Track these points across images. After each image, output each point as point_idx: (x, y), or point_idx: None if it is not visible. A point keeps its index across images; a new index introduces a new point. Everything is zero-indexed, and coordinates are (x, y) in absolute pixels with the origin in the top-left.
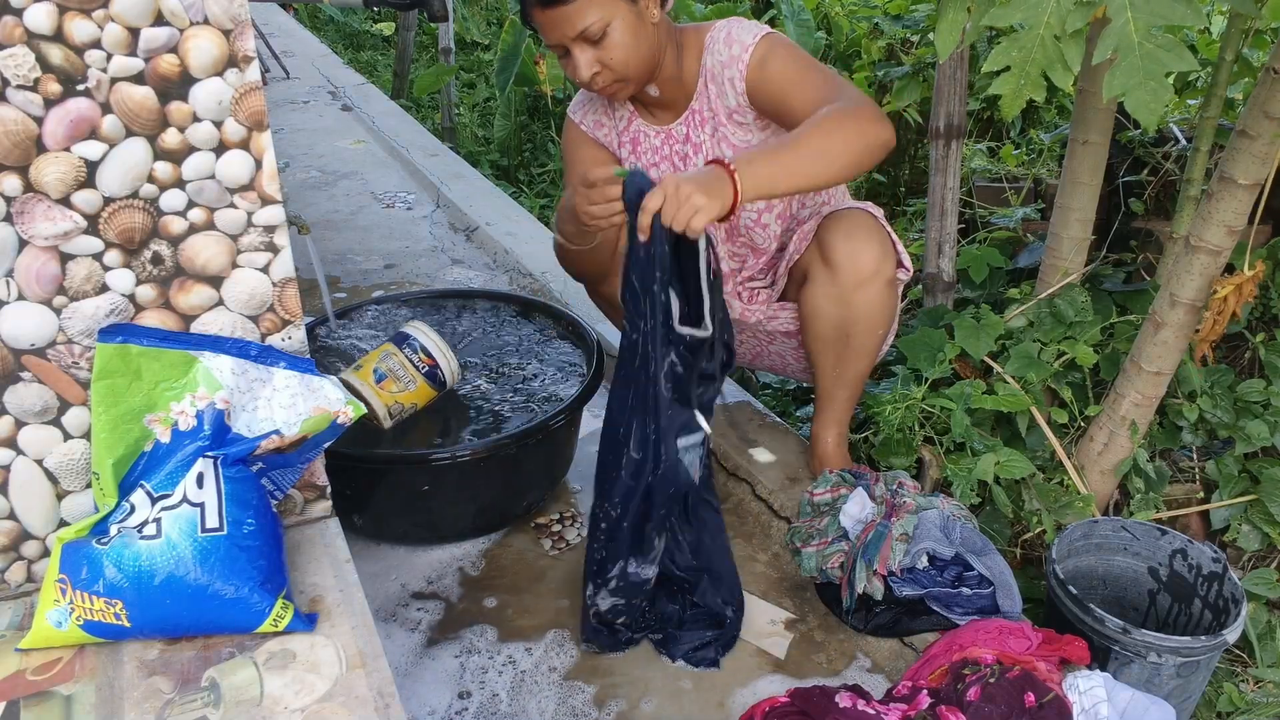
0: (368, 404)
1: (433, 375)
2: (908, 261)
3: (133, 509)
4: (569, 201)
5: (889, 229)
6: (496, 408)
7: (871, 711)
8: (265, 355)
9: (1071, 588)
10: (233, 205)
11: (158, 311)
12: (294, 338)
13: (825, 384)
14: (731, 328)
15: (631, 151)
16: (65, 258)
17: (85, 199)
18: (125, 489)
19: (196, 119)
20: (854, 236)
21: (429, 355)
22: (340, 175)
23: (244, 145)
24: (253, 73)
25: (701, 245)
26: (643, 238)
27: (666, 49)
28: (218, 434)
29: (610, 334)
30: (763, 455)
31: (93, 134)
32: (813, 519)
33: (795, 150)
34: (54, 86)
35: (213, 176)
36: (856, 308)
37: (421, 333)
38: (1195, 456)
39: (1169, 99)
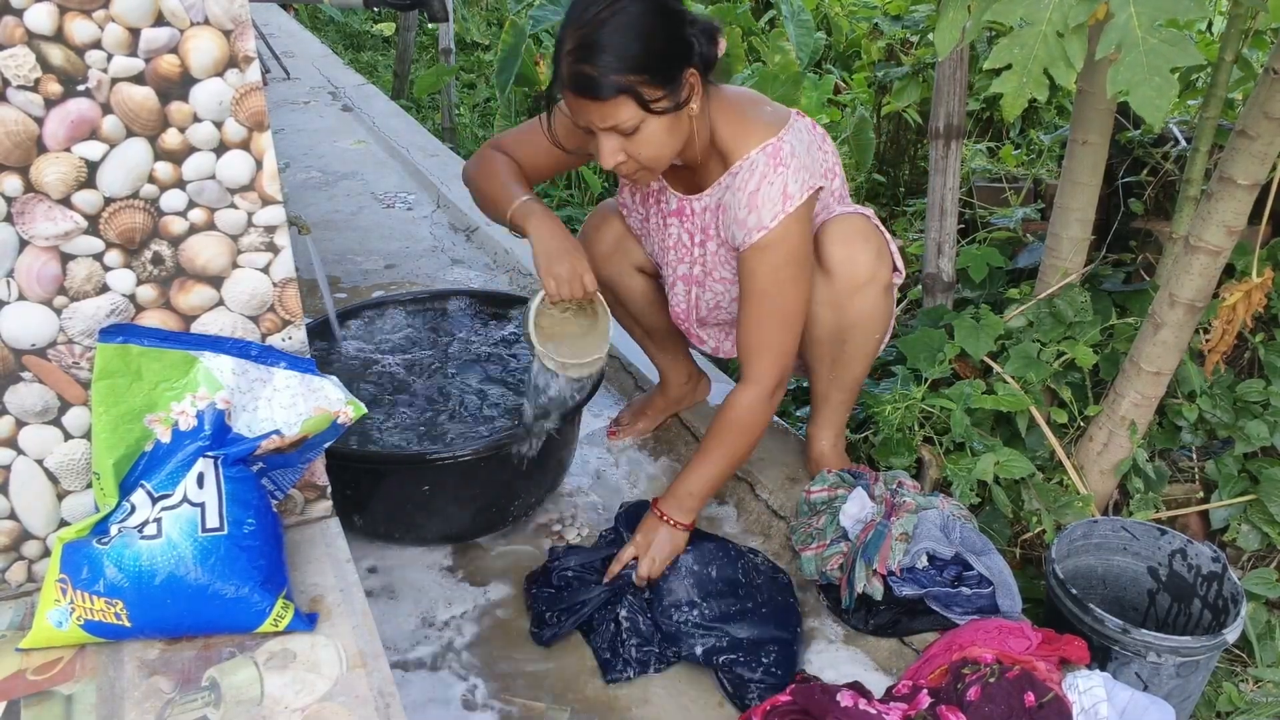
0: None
1: None
2: (901, 264)
3: (133, 509)
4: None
5: (885, 232)
6: (497, 408)
7: (872, 710)
8: (266, 355)
9: (1071, 588)
10: (233, 205)
11: (158, 311)
12: (294, 338)
13: (820, 387)
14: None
15: (634, 191)
16: (66, 258)
17: (86, 199)
18: (126, 489)
19: (197, 119)
20: (850, 242)
21: None
22: (340, 175)
23: (244, 145)
24: (253, 73)
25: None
26: (605, 580)
27: (700, 133)
28: (218, 434)
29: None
30: (762, 455)
31: (93, 134)
32: (810, 519)
33: (718, 470)
34: (54, 87)
35: (213, 177)
36: (852, 313)
37: None
38: (1195, 456)
39: (1173, 95)
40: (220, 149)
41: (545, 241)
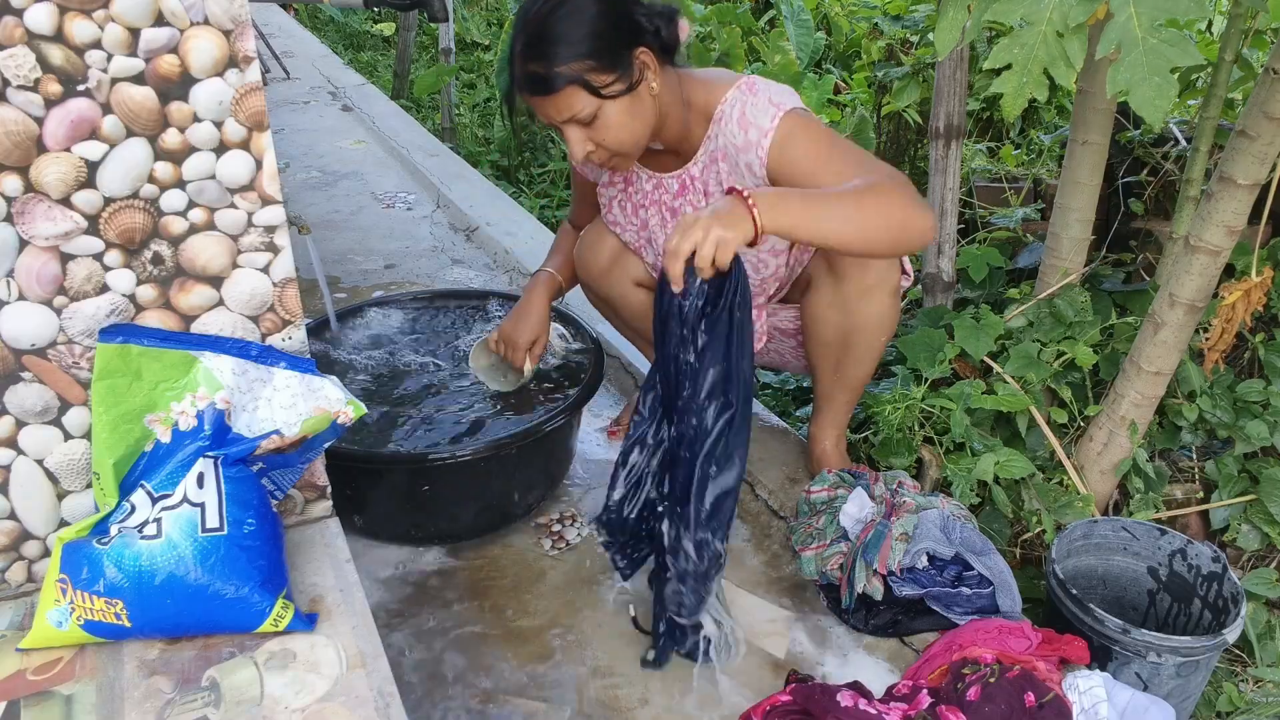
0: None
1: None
2: (909, 267)
3: (133, 509)
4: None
5: None
6: (497, 407)
7: (872, 711)
8: (265, 355)
9: (1071, 588)
10: (233, 205)
11: (158, 311)
12: (294, 338)
13: (824, 387)
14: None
15: (623, 189)
16: (66, 258)
17: (86, 199)
18: (126, 489)
19: (197, 119)
20: None
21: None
22: (340, 175)
23: (244, 145)
24: (253, 73)
25: (734, 280)
26: (676, 288)
27: (671, 109)
28: (218, 434)
29: (611, 333)
30: (762, 455)
31: (93, 134)
32: (810, 519)
33: (827, 205)
34: (54, 87)
35: (213, 177)
36: (860, 315)
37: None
38: (1195, 456)
39: (1173, 95)
40: (220, 149)
41: (521, 307)
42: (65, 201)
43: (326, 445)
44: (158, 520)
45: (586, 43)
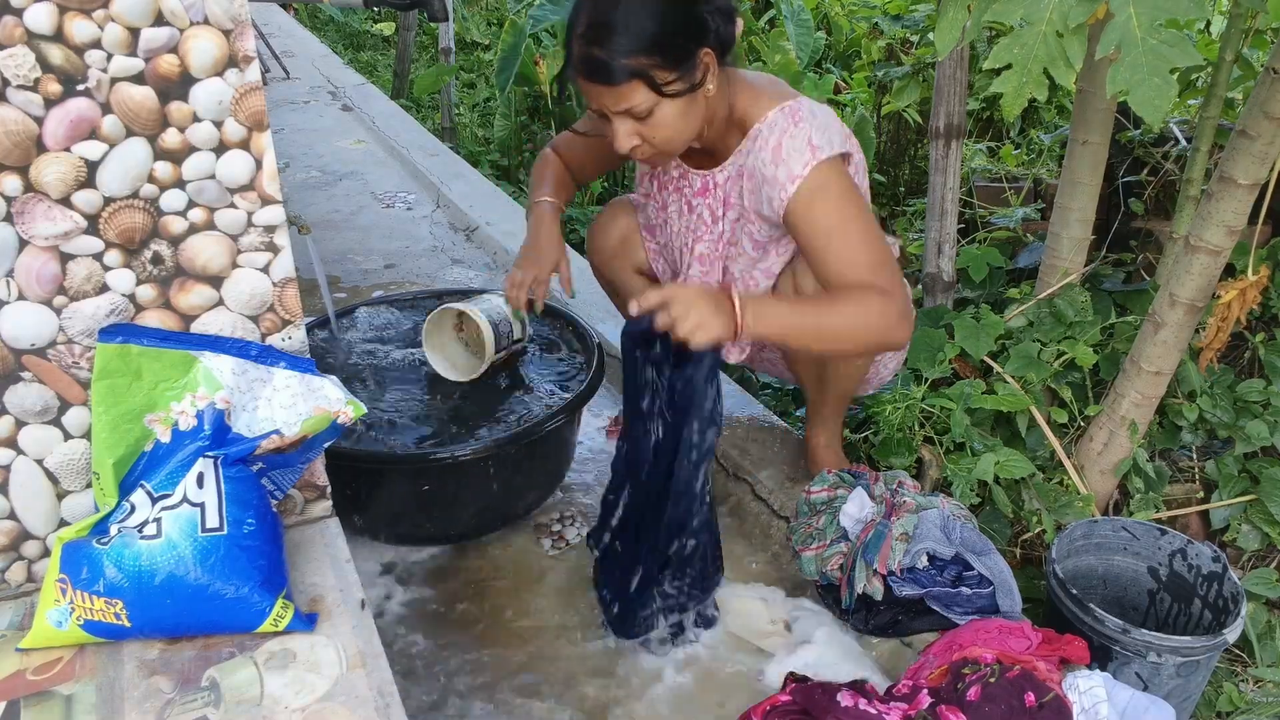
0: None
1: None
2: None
3: (133, 509)
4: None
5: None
6: (496, 407)
7: (873, 710)
8: (265, 355)
9: (1071, 588)
10: (233, 205)
11: (158, 311)
12: (294, 338)
13: (812, 395)
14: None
15: (651, 169)
16: (65, 258)
17: (85, 199)
18: (125, 489)
19: (197, 119)
20: None
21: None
22: (340, 175)
23: (244, 145)
24: (253, 73)
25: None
26: (633, 309)
27: (717, 111)
28: (218, 434)
29: (611, 334)
30: (762, 455)
31: (93, 134)
32: (810, 519)
33: (810, 325)
34: (54, 86)
35: (213, 176)
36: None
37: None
38: (1195, 456)
39: (1173, 95)
40: (220, 149)
41: (533, 240)
42: (65, 201)
43: (326, 445)
44: (158, 520)
45: (654, 37)
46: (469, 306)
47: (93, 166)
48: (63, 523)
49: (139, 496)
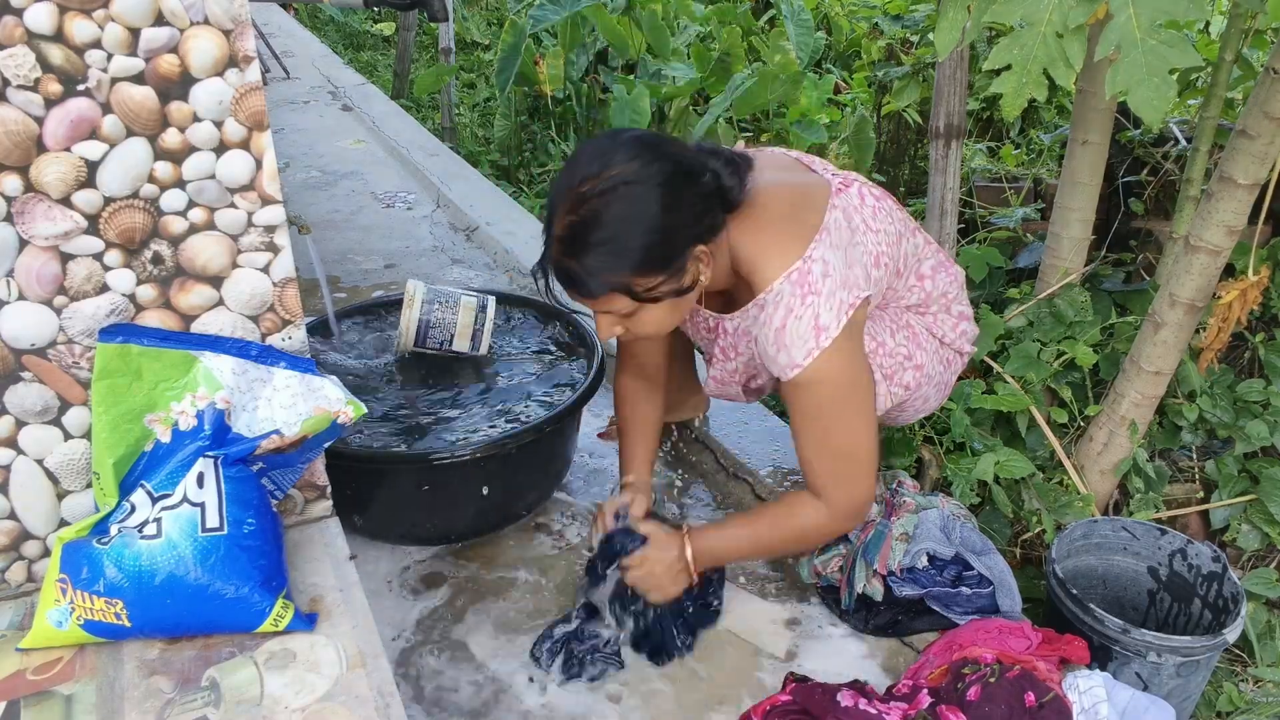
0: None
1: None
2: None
3: (133, 509)
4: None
5: None
6: (496, 407)
7: (873, 710)
8: (265, 355)
9: (1071, 588)
10: (233, 205)
11: (158, 311)
12: (294, 338)
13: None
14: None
15: None
16: (66, 258)
17: (86, 199)
18: (126, 489)
19: (197, 119)
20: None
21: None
22: (340, 175)
23: (244, 145)
24: (253, 73)
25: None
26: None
27: (719, 274)
28: (218, 434)
29: None
30: (762, 455)
31: (93, 134)
32: None
33: (750, 546)
34: (54, 86)
35: (213, 176)
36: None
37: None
38: (1195, 456)
39: (1172, 96)
40: (220, 149)
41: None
42: (65, 201)
43: (326, 445)
44: (158, 520)
45: (637, 254)
46: (422, 299)
47: (93, 166)
48: (63, 523)
49: (139, 496)
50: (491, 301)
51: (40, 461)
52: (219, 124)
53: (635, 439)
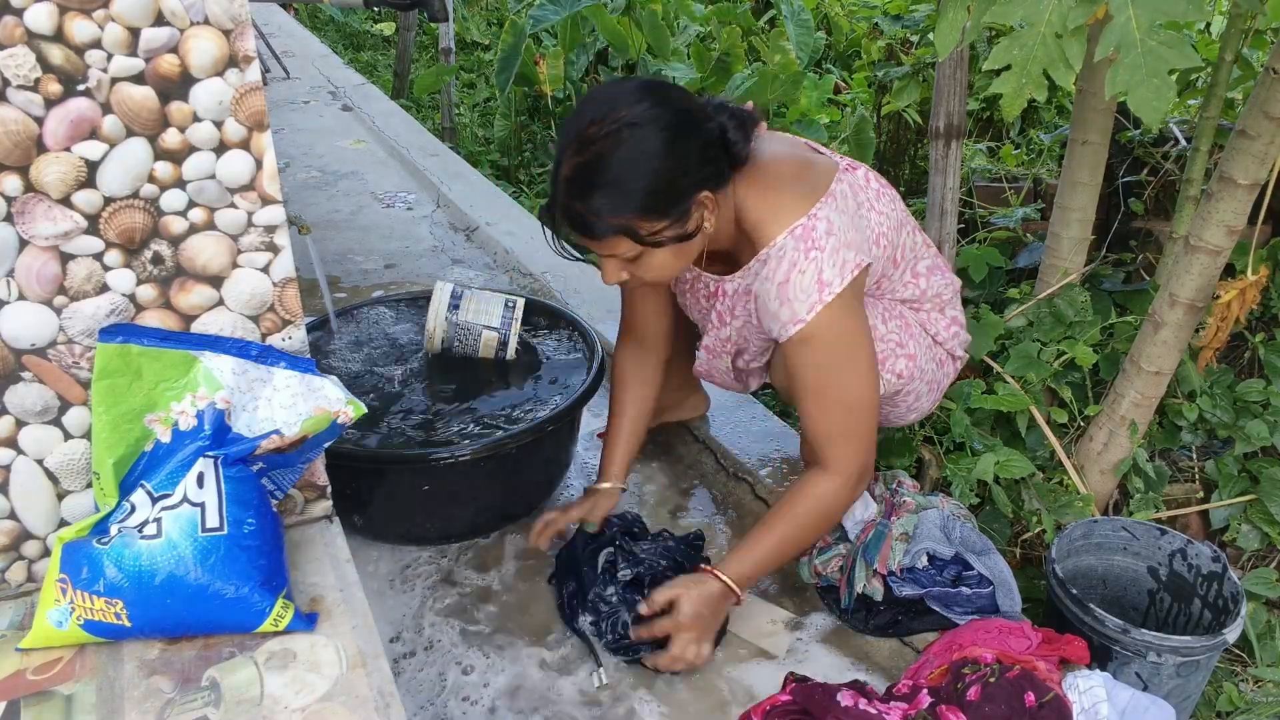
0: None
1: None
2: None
3: (133, 509)
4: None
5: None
6: (497, 407)
7: (873, 710)
8: (265, 355)
9: (1071, 588)
10: (233, 205)
11: (158, 311)
12: (294, 338)
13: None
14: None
15: None
16: (66, 258)
17: (86, 199)
18: (126, 489)
19: (197, 119)
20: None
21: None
22: (340, 175)
23: (244, 145)
24: (253, 73)
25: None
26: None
27: (723, 228)
28: (218, 434)
29: (611, 334)
30: (762, 454)
31: (93, 134)
32: None
33: (778, 548)
34: (54, 86)
35: (213, 176)
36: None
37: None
38: (1195, 456)
39: (1172, 96)
40: (220, 149)
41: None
42: (65, 201)
43: (326, 445)
44: (158, 520)
45: (642, 195)
46: (456, 301)
47: (93, 166)
48: (63, 523)
49: (139, 496)
50: (520, 304)
51: (40, 461)
52: (219, 124)
53: (620, 432)
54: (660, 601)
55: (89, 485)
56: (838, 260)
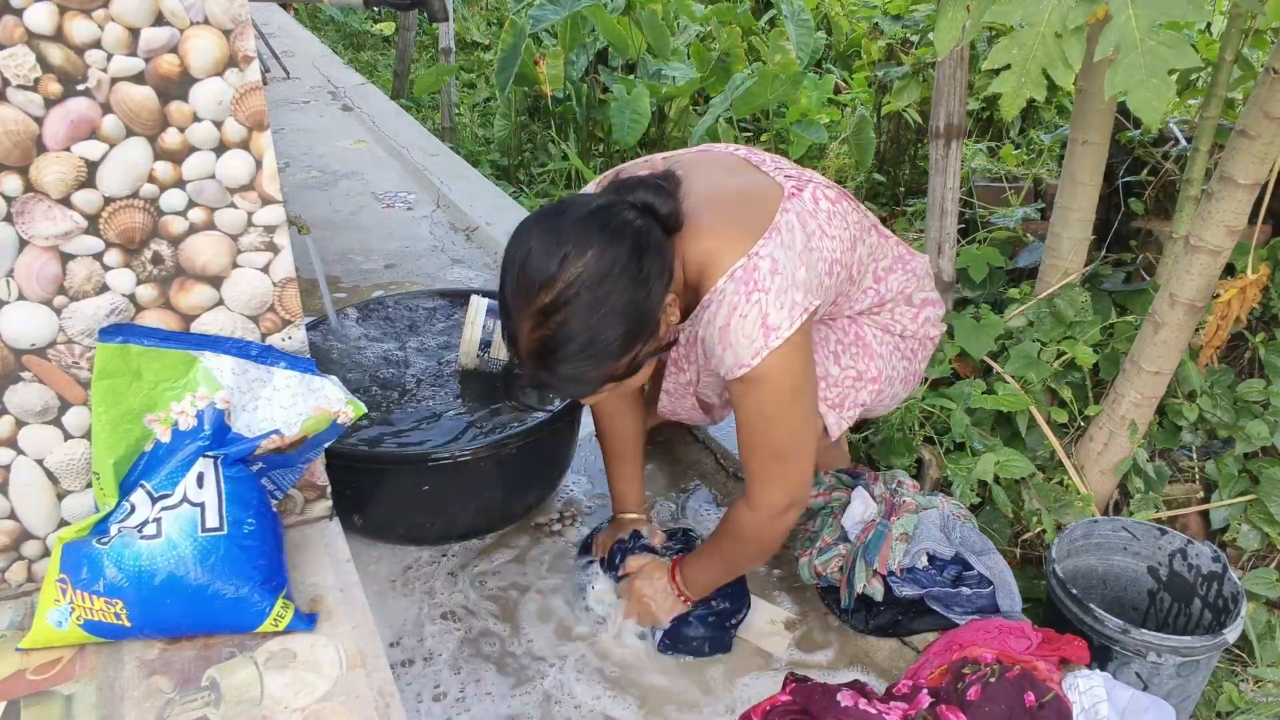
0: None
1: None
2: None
3: (133, 509)
4: None
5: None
6: (496, 408)
7: (873, 710)
8: (265, 355)
9: (1071, 587)
10: (233, 205)
11: (158, 311)
12: (294, 338)
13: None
14: None
15: None
16: (65, 257)
17: (85, 199)
18: (125, 489)
19: (197, 119)
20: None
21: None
22: (340, 175)
23: (244, 145)
24: (253, 73)
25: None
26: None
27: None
28: (218, 434)
29: None
30: None
31: (93, 134)
32: (806, 522)
33: (719, 568)
34: (54, 86)
35: (213, 176)
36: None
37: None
38: (1195, 456)
39: (1171, 96)
40: (220, 149)
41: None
42: (65, 201)
43: (326, 445)
44: (158, 520)
45: (619, 342)
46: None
47: (93, 166)
48: (63, 523)
49: (139, 496)
50: None
51: (40, 461)
52: (219, 124)
53: (622, 467)
54: (630, 566)
55: (89, 485)
56: (785, 302)
